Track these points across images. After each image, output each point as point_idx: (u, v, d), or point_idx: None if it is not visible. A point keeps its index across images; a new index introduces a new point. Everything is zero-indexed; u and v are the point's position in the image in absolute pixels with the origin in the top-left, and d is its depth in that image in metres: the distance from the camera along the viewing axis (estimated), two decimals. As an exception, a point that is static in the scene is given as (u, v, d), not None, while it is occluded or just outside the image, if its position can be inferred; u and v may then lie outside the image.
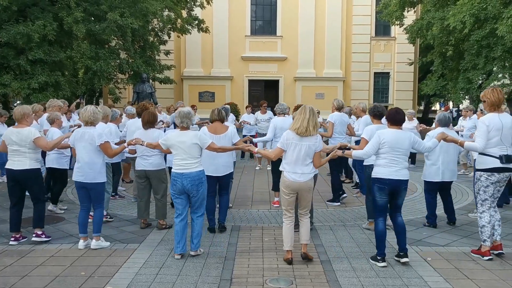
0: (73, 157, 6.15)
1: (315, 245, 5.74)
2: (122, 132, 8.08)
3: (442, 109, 35.88)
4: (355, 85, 28.44)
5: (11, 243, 5.71)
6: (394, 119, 5.17)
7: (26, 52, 15.98)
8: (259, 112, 12.84)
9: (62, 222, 6.84)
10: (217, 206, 6.64)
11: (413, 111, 14.07)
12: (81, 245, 5.57)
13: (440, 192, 6.76)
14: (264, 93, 27.52)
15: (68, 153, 7.30)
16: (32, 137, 5.62)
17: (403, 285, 4.52)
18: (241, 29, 27.61)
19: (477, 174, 5.36)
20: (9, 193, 5.84)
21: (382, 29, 28.64)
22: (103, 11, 16.75)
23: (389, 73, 28.89)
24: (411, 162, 12.67)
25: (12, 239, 5.76)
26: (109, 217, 6.84)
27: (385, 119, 5.43)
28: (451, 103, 43.06)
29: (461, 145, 5.53)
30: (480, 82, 19.38)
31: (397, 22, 21.37)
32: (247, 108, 14.46)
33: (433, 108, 40.60)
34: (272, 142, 8.00)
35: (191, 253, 5.30)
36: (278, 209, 7.35)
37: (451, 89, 20.18)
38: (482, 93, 5.35)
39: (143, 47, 20.62)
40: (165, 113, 13.35)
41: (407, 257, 5.04)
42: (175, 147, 5.29)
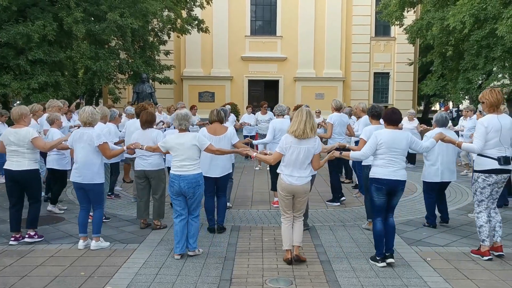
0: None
1: (314, 245, 5.74)
2: (121, 132, 8.10)
3: (442, 109, 35.83)
4: (355, 85, 28.47)
5: (11, 243, 5.71)
6: (390, 119, 5.16)
7: (26, 52, 15.97)
8: (260, 112, 12.84)
9: (62, 222, 6.84)
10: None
11: (414, 111, 14.04)
12: (80, 245, 5.57)
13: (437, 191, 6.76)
14: (264, 93, 27.54)
15: (68, 154, 7.27)
16: (30, 137, 5.61)
17: (402, 285, 4.52)
18: (241, 29, 27.63)
19: (475, 175, 5.36)
20: (8, 193, 5.84)
21: (382, 29, 28.68)
22: (103, 11, 16.74)
23: (389, 73, 28.92)
24: (411, 162, 12.68)
25: (12, 239, 5.76)
26: (104, 217, 6.77)
27: (382, 119, 5.43)
28: (451, 103, 43.11)
29: (459, 146, 5.52)
30: (480, 82, 19.38)
31: (397, 22, 21.39)
32: (247, 108, 14.47)
33: (433, 108, 40.57)
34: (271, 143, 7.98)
35: (189, 253, 5.31)
36: (277, 209, 7.33)
37: (451, 89, 20.21)
38: (480, 95, 5.32)
39: (143, 47, 20.63)
40: (166, 113, 13.36)
41: (392, 257, 5.02)
42: (174, 149, 5.29)
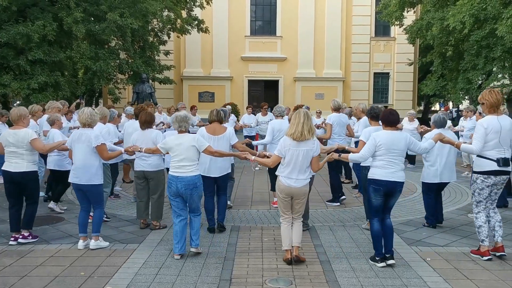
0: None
1: (314, 245, 5.74)
2: (121, 132, 8.10)
3: (442, 109, 35.81)
4: (355, 85, 28.47)
5: (11, 243, 5.71)
6: (388, 120, 5.14)
7: (25, 52, 15.96)
8: (260, 114, 12.81)
9: (61, 222, 6.84)
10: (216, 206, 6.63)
11: (414, 112, 14.04)
12: (80, 245, 5.57)
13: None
14: (264, 93, 27.55)
15: None
16: (28, 139, 5.61)
17: (402, 285, 4.53)
18: (241, 29, 27.63)
19: (474, 175, 5.36)
20: (6, 194, 5.85)
21: (382, 29, 28.68)
22: (102, 11, 16.73)
23: (389, 74, 28.92)
24: (410, 163, 12.68)
25: (12, 239, 5.76)
26: (105, 216, 6.80)
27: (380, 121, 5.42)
28: (451, 104, 43.08)
29: (458, 147, 5.51)
30: (480, 82, 19.37)
31: (396, 22, 21.38)
32: (247, 108, 14.45)
33: (433, 108, 40.55)
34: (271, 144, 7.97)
35: (192, 250, 5.31)
36: (277, 209, 7.30)
37: (450, 90, 20.20)
38: (480, 96, 5.30)
39: (142, 47, 20.63)
40: (166, 113, 13.36)
41: (393, 259, 5.01)
42: (173, 150, 5.29)
